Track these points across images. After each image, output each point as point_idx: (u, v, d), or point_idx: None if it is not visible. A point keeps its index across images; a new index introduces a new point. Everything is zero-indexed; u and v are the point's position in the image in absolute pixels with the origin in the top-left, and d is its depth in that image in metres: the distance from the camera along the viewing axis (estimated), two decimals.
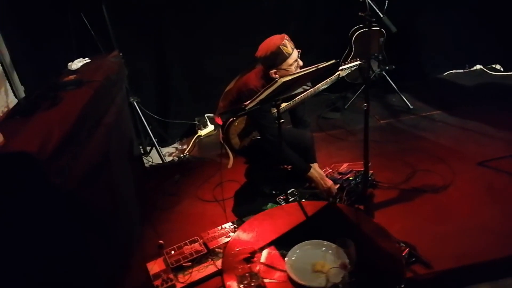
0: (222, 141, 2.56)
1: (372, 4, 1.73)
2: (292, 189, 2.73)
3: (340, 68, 2.70)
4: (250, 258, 1.51)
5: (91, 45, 3.30)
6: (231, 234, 2.42)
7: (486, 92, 4.16)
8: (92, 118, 2.16)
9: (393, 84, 3.95)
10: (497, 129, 3.35)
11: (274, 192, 2.86)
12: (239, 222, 2.53)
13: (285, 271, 1.43)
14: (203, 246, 2.36)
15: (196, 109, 4.21)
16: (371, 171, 2.82)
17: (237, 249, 1.56)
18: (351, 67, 2.73)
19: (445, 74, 4.67)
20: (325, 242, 1.49)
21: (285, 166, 2.73)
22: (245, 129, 2.58)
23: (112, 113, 2.48)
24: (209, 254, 2.33)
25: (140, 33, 3.69)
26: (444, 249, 2.19)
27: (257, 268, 1.45)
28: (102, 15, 3.22)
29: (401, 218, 2.47)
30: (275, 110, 2.23)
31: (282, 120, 2.73)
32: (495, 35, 4.51)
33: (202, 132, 3.90)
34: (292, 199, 2.66)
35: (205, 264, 2.28)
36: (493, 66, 4.68)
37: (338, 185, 2.59)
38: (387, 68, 3.79)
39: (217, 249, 2.35)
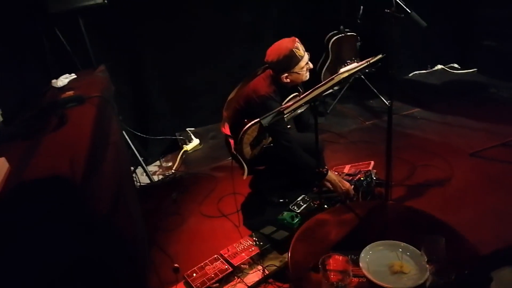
0: (235, 152, 2.45)
1: (399, 1, 1.74)
2: (302, 196, 2.67)
3: (342, 70, 2.71)
4: (319, 267, 1.42)
5: (67, 61, 3.05)
6: (253, 248, 2.31)
7: (453, 89, 4.42)
8: (102, 137, 1.97)
9: (371, 87, 4.07)
10: (475, 121, 3.56)
11: (282, 200, 2.80)
12: (258, 235, 2.41)
13: (361, 276, 1.37)
14: (226, 264, 2.22)
15: (177, 124, 4.05)
16: (375, 170, 2.84)
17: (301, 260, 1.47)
18: (349, 69, 2.75)
19: (410, 75, 4.91)
20: (402, 244, 1.45)
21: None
22: (257, 137, 2.49)
23: (115, 130, 2.29)
24: (235, 271, 2.20)
25: (116, 47, 3.49)
26: None
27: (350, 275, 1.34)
28: (79, 31, 2.99)
29: None
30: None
31: (289, 126, 2.71)
32: (451, 36, 4.85)
33: (188, 147, 3.73)
34: (305, 205, 2.60)
35: (233, 283, 2.15)
36: (452, 65, 5.01)
37: (352, 186, 2.58)
38: (366, 71, 3.89)
39: (242, 266, 2.22)
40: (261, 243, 2.34)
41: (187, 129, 4.03)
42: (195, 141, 3.80)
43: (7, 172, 1.54)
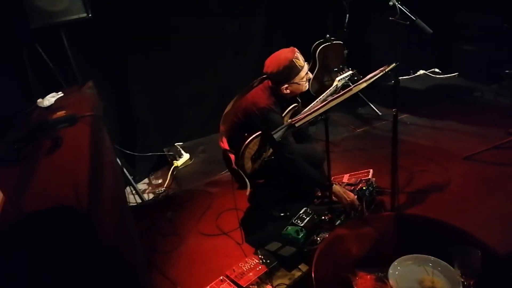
0: (236, 167, 2.35)
1: (403, 8, 1.72)
2: (304, 209, 2.60)
3: (338, 79, 2.68)
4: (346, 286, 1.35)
5: (50, 79, 2.89)
6: (260, 266, 2.22)
7: (437, 93, 4.49)
8: (99, 158, 1.85)
9: (360, 94, 4.07)
10: (465, 125, 3.60)
11: (283, 214, 2.72)
12: (264, 252, 2.33)
13: None
14: (234, 286, 2.12)
15: (164, 139, 3.92)
16: (374, 179, 2.81)
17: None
18: (345, 77, 2.73)
19: (393, 81, 4.95)
20: (432, 258, 1.40)
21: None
22: (258, 151, 2.41)
23: (109, 149, 2.16)
24: None
25: (99, 62, 3.35)
26: None
27: None
28: (62, 46, 2.85)
29: None
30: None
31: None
32: (432, 42, 4.94)
33: (179, 163, 3.61)
34: (308, 218, 2.53)
35: None
36: (434, 69, 5.10)
37: (356, 196, 2.53)
38: (355, 78, 3.89)
39: (250, 286, 2.13)
40: (268, 261, 2.25)
41: (176, 144, 3.90)
42: (186, 156, 3.68)
43: (2, 202, 1.41)
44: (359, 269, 1.42)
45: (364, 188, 2.60)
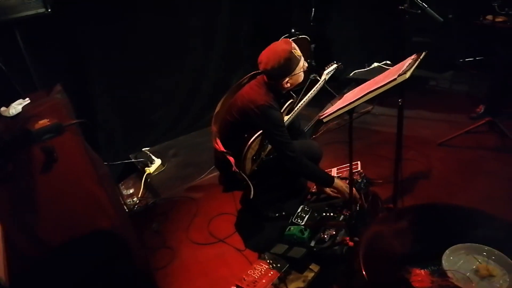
0: (236, 170, 2.20)
1: None
2: (301, 207, 2.53)
3: (325, 72, 2.65)
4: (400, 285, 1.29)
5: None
6: (272, 272, 2.10)
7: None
8: (99, 170, 1.62)
9: (328, 88, 4.09)
10: (431, 113, 3.76)
11: (278, 214, 2.63)
12: (271, 256, 2.21)
13: (450, 287, 1.27)
14: None
15: (130, 145, 3.63)
16: (361, 170, 2.81)
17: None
18: (331, 71, 2.70)
19: (351, 74, 5.08)
20: (486, 247, 1.38)
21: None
22: (258, 151, 2.29)
23: (97, 160, 1.91)
24: None
25: (57, 64, 2.99)
26: None
27: None
28: (15, 45, 2.49)
29: None
30: None
31: None
32: (382, 36, 5.12)
33: (151, 169, 3.35)
34: (307, 216, 2.46)
35: None
36: (386, 62, 5.29)
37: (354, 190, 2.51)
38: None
39: None
40: (279, 265, 2.14)
41: (144, 149, 3.63)
42: (157, 162, 3.43)
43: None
44: (410, 265, 1.37)
45: (359, 180, 2.58)
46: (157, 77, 3.59)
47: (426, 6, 1.75)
